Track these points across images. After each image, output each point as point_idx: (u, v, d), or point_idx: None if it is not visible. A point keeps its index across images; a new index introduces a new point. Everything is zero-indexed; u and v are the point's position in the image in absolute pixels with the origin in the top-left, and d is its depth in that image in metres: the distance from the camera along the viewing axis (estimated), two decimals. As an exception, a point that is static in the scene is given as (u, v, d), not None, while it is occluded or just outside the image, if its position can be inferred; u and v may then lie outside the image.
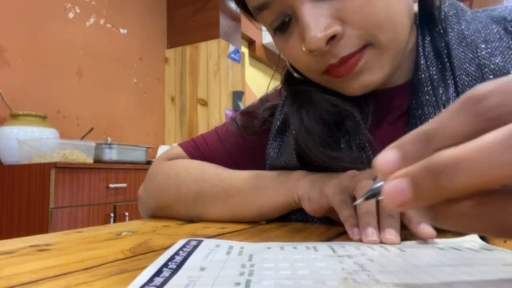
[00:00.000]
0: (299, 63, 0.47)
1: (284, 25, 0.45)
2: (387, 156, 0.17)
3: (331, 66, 0.43)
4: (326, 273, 0.24)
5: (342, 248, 0.32)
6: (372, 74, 0.44)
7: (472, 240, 0.33)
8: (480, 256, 0.28)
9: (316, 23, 0.40)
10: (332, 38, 0.41)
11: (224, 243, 0.34)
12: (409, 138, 0.17)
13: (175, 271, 0.25)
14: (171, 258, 0.28)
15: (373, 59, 0.43)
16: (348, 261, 0.27)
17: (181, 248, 0.32)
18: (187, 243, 0.34)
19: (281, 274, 0.24)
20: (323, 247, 0.32)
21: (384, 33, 0.41)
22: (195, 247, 0.32)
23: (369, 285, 0.21)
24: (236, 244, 0.34)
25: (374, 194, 0.21)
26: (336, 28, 0.41)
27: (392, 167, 0.17)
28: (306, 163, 0.50)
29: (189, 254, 0.30)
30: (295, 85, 0.53)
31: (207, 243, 0.34)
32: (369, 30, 0.41)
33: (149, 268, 0.26)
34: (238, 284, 0.22)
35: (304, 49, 0.43)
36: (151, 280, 0.23)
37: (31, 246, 0.36)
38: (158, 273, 0.25)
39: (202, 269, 0.26)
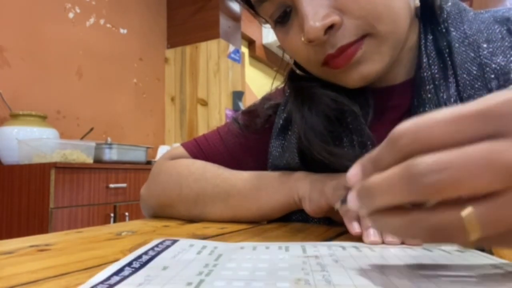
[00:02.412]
0: (299, 55, 0.47)
1: (285, 17, 0.46)
2: (353, 171, 0.23)
3: (330, 56, 0.43)
4: (283, 274, 0.24)
5: (314, 248, 0.32)
6: (370, 65, 0.44)
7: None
8: (449, 258, 0.28)
9: (315, 13, 0.41)
10: (331, 28, 0.41)
11: (199, 243, 0.34)
12: (367, 159, 0.22)
13: (136, 270, 0.25)
14: (138, 257, 0.28)
15: (372, 49, 0.43)
16: (312, 262, 0.27)
17: (152, 248, 0.31)
18: (161, 242, 0.33)
19: (238, 274, 0.24)
20: (295, 247, 0.32)
21: (383, 24, 0.41)
22: (168, 246, 0.32)
23: (318, 287, 0.21)
24: (210, 244, 0.34)
25: (345, 200, 0.24)
26: (335, 17, 0.41)
27: (356, 179, 0.23)
28: (308, 162, 0.50)
29: (158, 253, 0.30)
30: (299, 81, 0.53)
31: (181, 243, 0.34)
32: (368, 20, 0.41)
33: (111, 267, 0.26)
34: (189, 284, 0.22)
35: (303, 39, 0.43)
36: (107, 278, 0.23)
37: (31, 246, 0.36)
38: (118, 271, 0.25)
39: (164, 268, 0.26)
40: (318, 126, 0.47)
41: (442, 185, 0.17)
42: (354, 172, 0.23)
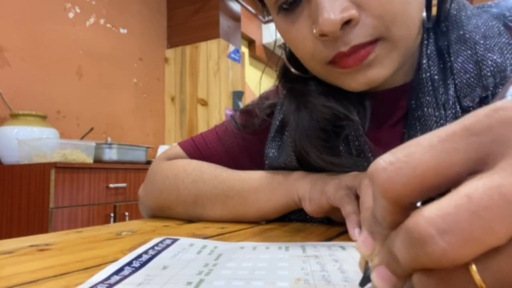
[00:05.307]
0: (304, 48, 0.44)
1: (293, 3, 0.42)
2: (362, 238, 0.18)
3: (340, 55, 0.41)
4: (283, 273, 0.24)
5: (314, 248, 0.32)
6: (380, 69, 0.42)
7: None
8: None
9: (333, 3, 0.38)
10: (347, 24, 0.39)
11: (199, 242, 0.34)
12: (370, 220, 0.18)
13: (136, 269, 0.25)
14: (138, 257, 0.28)
15: (384, 54, 0.41)
16: (312, 261, 0.27)
17: (152, 247, 0.31)
18: (161, 241, 0.33)
19: (238, 274, 0.24)
20: (295, 247, 0.32)
21: (398, 28, 0.40)
22: (168, 246, 0.32)
23: (318, 287, 0.21)
24: (210, 244, 0.34)
25: (367, 279, 0.19)
26: (353, 12, 0.38)
27: (370, 249, 0.18)
28: (305, 163, 0.50)
29: (158, 252, 0.30)
30: (293, 83, 0.51)
31: (181, 242, 0.33)
32: (384, 21, 0.39)
33: (110, 266, 0.26)
34: (189, 283, 0.22)
35: (315, 31, 0.40)
36: (107, 278, 0.23)
37: (31, 246, 0.36)
38: (118, 271, 0.25)
39: (164, 268, 0.26)
40: (314, 135, 0.46)
41: (454, 251, 0.13)
42: (363, 239, 0.18)
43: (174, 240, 0.34)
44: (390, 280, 0.16)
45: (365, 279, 0.19)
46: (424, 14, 0.44)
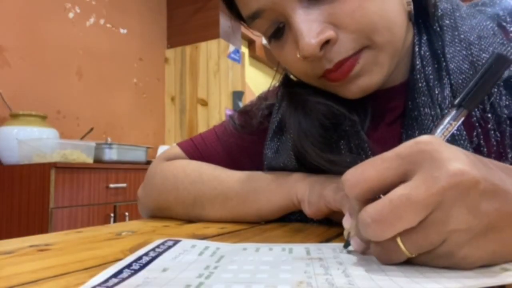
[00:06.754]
0: (296, 69, 0.46)
1: (279, 32, 0.44)
2: (347, 220, 0.33)
3: (327, 71, 0.43)
4: (285, 277, 0.23)
5: (318, 250, 0.31)
6: (370, 77, 0.43)
7: None
8: None
9: (309, 29, 0.39)
10: (326, 43, 0.40)
11: (201, 244, 0.33)
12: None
13: (136, 272, 0.25)
14: (138, 259, 0.28)
15: (370, 61, 0.42)
16: (316, 264, 0.26)
17: (153, 248, 0.31)
18: (163, 243, 0.33)
19: (239, 277, 0.23)
20: (299, 249, 0.32)
21: (380, 35, 0.40)
22: (169, 247, 0.32)
23: None
24: (213, 245, 0.33)
25: (348, 243, 0.31)
26: (330, 33, 0.40)
27: (349, 225, 0.32)
28: (304, 164, 0.50)
29: (159, 254, 0.29)
30: (293, 87, 0.52)
31: (183, 244, 0.33)
32: (364, 33, 0.40)
33: (109, 269, 0.25)
34: (188, 286, 0.22)
35: (298, 56, 0.42)
36: (105, 281, 0.23)
37: (31, 246, 0.36)
38: (117, 274, 0.24)
39: (164, 270, 0.25)
40: (313, 133, 0.47)
41: (380, 231, 0.23)
42: (346, 218, 0.33)
43: (176, 242, 0.34)
44: (361, 245, 0.28)
45: (347, 244, 0.31)
46: (411, 8, 0.45)
